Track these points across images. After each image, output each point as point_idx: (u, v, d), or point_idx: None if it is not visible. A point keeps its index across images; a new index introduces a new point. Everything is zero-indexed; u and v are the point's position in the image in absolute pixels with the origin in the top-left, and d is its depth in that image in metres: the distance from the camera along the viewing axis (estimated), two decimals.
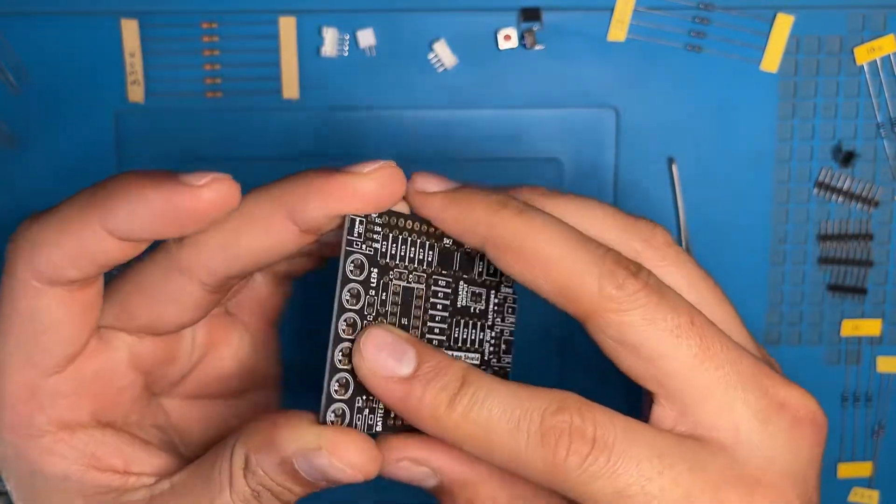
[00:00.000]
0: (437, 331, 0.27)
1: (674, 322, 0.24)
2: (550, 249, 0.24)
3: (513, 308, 0.29)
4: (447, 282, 0.27)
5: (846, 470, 0.45)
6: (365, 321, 0.25)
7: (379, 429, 0.26)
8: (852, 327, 0.44)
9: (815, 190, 0.43)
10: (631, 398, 0.28)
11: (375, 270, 0.25)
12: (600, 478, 0.23)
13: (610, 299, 0.23)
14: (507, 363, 0.29)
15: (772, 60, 0.42)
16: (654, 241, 0.27)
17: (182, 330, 0.27)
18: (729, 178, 0.43)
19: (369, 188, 0.24)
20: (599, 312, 0.24)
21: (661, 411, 0.24)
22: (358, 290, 0.25)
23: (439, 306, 0.27)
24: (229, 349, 0.30)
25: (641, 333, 0.24)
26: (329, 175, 0.24)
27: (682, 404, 0.24)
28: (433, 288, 0.27)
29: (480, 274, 0.28)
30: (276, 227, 0.24)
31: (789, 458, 0.25)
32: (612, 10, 0.42)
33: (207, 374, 0.29)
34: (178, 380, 0.29)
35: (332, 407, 0.25)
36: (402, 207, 0.26)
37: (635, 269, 0.24)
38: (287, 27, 0.42)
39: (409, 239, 0.26)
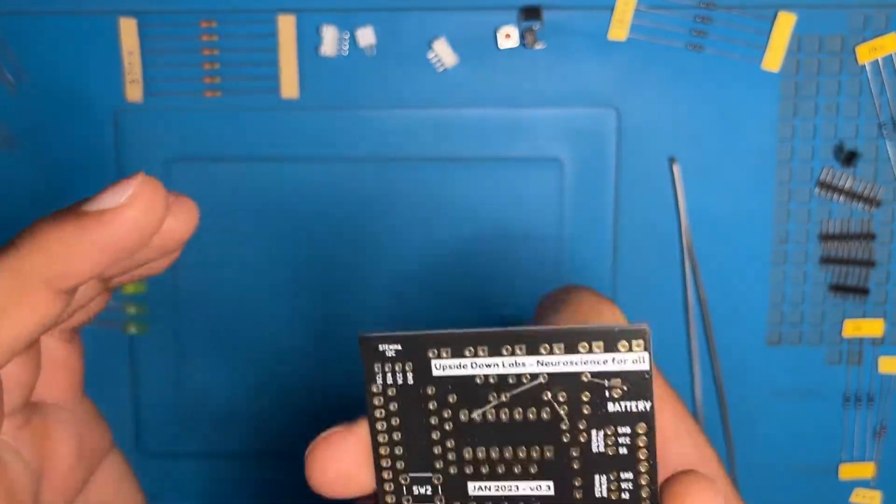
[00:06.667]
0: None
1: None
2: None
3: None
4: None
5: (848, 471, 0.45)
6: None
7: None
8: (854, 327, 0.44)
9: (817, 189, 0.43)
10: None
11: None
12: None
13: None
14: None
15: (773, 59, 0.42)
16: None
17: None
18: (730, 178, 0.43)
19: (135, 217, 0.20)
20: None
21: None
22: None
23: None
24: (62, 444, 0.25)
25: None
26: (83, 224, 0.20)
27: None
28: None
29: None
30: (43, 304, 0.20)
31: None
32: (612, 8, 0.42)
33: (55, 483, 0.24)
34: None
35: None
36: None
37: None
38: (286, 26, 0.42)
39: None
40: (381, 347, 0.19)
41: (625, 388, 0.19)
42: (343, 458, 0.20)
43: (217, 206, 0.44)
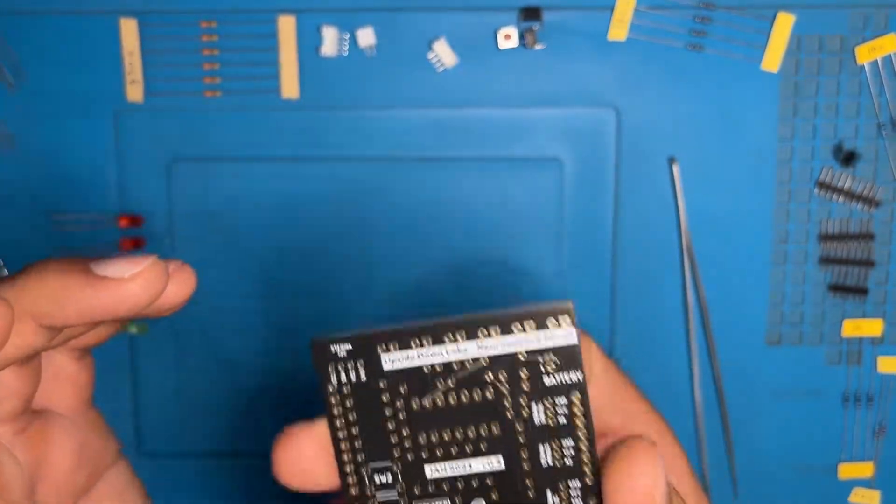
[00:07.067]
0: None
1: None
2: None
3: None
4: None
5: (847, 470, 0.45)
6: None
7: None
8: (853, 327, 0.44)
9: (817, 190, 0.43)
10: None
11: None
12: None
13: None
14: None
15: (773, 60, 0.42)
16: None
17: None
18: (730, 178, 0.43)
19: (134, 292, 0.22)
20: None
21: None
22: None
23: None
24: (60, 451, 0.26)
25: None
26: (86, 282, 0.22)
27: None
28: None
29: None
30: (26, 334, 0.22)
31: None
32: (612, 9, 0.42)
33: (53, 487, 0.26)
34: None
35: None
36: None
37: None
38: (286, 26, 0.42)
39: None
40: (332, 348, 0.20)
41: (557, 362, 0.20)
42: (303, 455, 0.22)
43: (217, 206, 0.44)
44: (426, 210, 0.44)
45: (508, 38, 0.42)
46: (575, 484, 0.21)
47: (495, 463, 0.21)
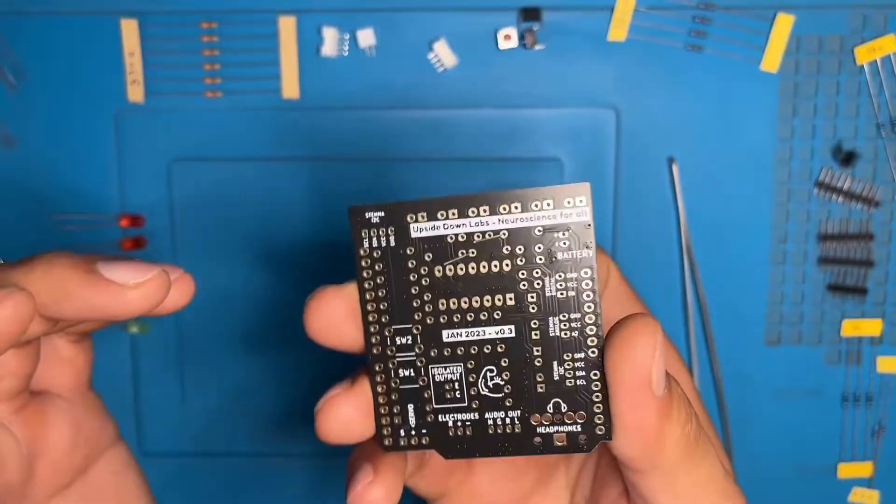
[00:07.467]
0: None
1: None
2: None
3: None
4: None
5: (846, 470, 0.45)
6: None
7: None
8: (853, 327, 0.44)
9: (816, 190, 0.43)
10: None
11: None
12: None
13: None
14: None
15: (772, 60, 0.42)
16: None
17: None
18: (729, 178, 0.43)
19: (135, 300, 0.23)
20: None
21: None
22: None
23: None
24: (57, 430, 0.27)
25: None
26: (90, 282, 0.22)
27: None
28: None
29: None
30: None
31: None
32: (612, 9, 0.42)
33: (51, 465, 0.26)
34: (22, 488, 0.26)
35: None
36: None
37: None
38: (287, 27, 0.42)
39: None
40: (367, 215, 0.22)
41: (570, 239, 0.21)
42: (332, 313, 0.23)
43: (217, 206, 0.44)
44: None
45: (508, 38, 0.42)
46: (579, 355, 0.22)
47: (507, 332, 0.22)
